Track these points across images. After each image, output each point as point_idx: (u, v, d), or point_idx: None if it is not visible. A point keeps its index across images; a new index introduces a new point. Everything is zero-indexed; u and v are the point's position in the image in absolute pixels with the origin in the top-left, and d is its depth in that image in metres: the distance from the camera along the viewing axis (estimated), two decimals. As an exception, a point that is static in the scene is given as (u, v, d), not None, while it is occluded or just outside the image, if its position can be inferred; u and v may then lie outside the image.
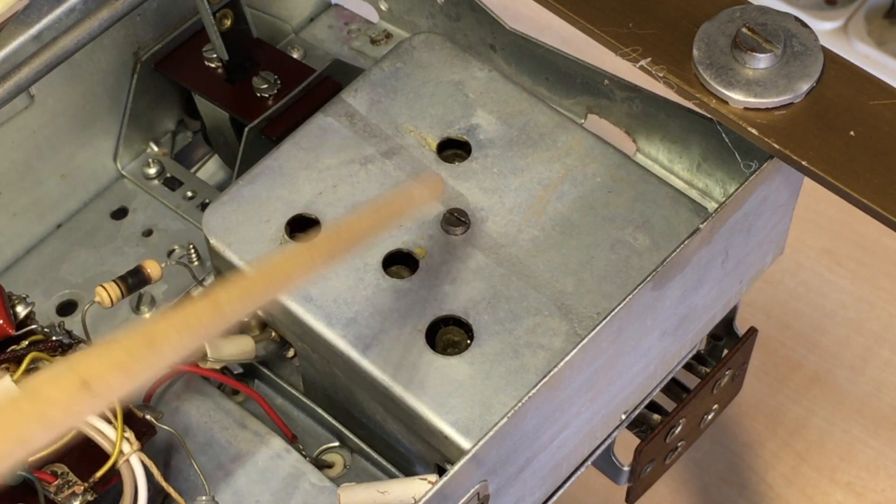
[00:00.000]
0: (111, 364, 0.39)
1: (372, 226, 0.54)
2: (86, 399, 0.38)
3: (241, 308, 0.45)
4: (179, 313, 0.42)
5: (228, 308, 0.44)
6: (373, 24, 0.80)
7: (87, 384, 0.38)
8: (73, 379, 0.37)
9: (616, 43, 0.66)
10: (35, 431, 0.36)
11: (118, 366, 0.39)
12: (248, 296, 0.45)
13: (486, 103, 0.68)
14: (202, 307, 0.43)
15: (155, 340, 0.40)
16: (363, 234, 0.53)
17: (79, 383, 0.37)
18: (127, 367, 0.39)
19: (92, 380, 0.38)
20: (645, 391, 0.67)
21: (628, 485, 0.72)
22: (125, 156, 0.77)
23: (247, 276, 0.45)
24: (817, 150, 0.61)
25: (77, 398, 0.37)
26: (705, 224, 0.60)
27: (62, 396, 0.37)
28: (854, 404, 1.17)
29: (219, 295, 0.44)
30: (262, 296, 0.46)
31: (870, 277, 1.23)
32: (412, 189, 0.57)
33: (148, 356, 0.40)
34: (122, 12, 0.68)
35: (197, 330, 0.42)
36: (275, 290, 0.47)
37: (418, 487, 0.58)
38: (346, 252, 0.52)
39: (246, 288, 0.45)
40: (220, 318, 0.44)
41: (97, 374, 0.38)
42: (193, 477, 0.61)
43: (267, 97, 0.73)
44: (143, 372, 0.40)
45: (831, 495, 1.13)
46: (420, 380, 0.60)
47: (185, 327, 0.42)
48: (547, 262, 0.63)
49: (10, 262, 0.73)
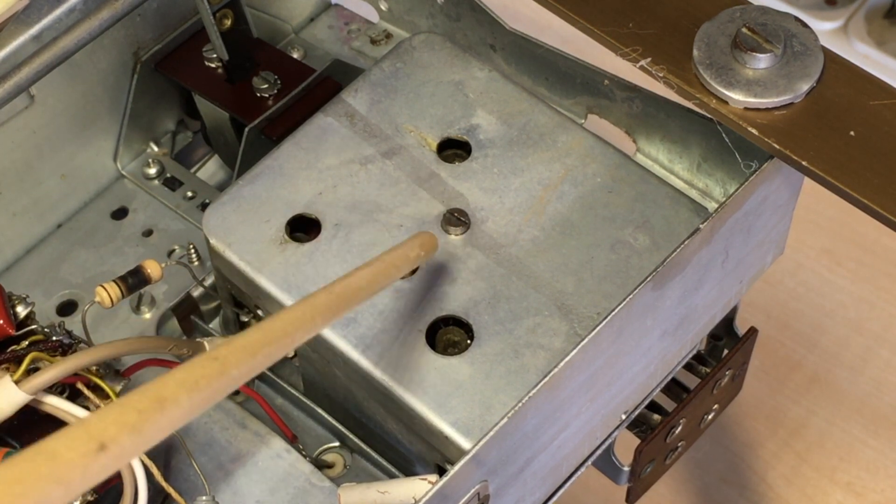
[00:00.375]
0: (125, 426, 0.39)
1: (370, 285, 0.55)
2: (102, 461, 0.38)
3: (247, 369, 0.46)
4: (187, 374, 0.43)
5: (236, 371, 0.45)
6: (373, 24, 0.80)
7: (104, 446, 0.38)
8: (90, 442, 0.38)
9: (616, 43, 0.66)
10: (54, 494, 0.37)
11: (132, 428, 0.39)
12: (253, 356, 0.46)
13: (486, 103, 0.68)
14: (210, 369, 0.44)
15: (165, 402, 0.41)
16: (361, 294, 0.55)
17: (95, 446, 0.38)
18: (140, 430, 0.39)
19: (108, 442, 0.38)
20: (645, 391, 0.67)
21: (628, 485, 0.72)
22: (125, 156, 0.77)
23: (249, 336, 0.46)
24: (817, 150, 0.61)
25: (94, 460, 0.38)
26: (705, 224, 0.60)
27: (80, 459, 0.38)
28: (854, 404, 1.17)
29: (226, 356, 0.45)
30: (267, 356, 0.47)
31: (870, 277, 1.23)
32: (409, 248, 0.58)
33: (159, 419, 0.40)
34: (122, 12, 0.68)
35: (205, 393, 0.43)
36: (279, 351, 0.48)
37: (418, 487, 0.58)
38: (346, 310, 0.53)
39: (250, 348, 0.46)
40: (228, 381, 0.44)
41: (112, 436, 0.39)
42: (193, 477, 0.61)
43: (267, 97, 0.73)
44: (156, 434, 0.40)
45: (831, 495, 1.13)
46: (420, 380, 0.60)
47: (194, 389, 0.42)
48: (547, 262, 0.63)
49: (10, 262, 0.73)
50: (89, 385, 0.58)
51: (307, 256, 0.63)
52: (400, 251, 0.58)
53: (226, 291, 0.67)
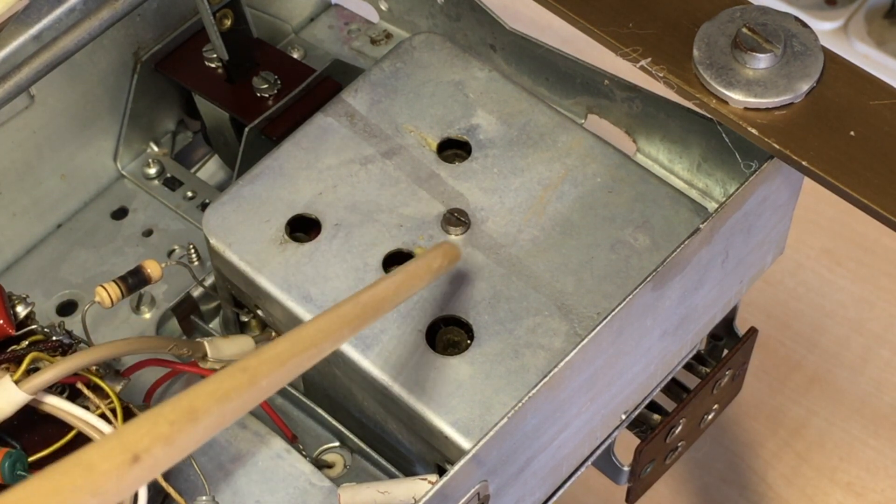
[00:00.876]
0: (158, 438, 0.39)
1: (395, 295, 0.56)
2: (136, 472, 0.38)
3: (276, 380, 0.46)
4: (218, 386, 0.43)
5: (264, 381, 0.45)
6: (373, 24, 0.80)
7: (137, 457, 0.38)
8: (124, 452, 0.38)
9: (616, 43, 0.66)
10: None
11: (165, 439, 0.39)
12: (282, 366, 0.46)
13: (486, 103, 0.68)
14: (240, 380, 0.44)
15: (197, 413, 0.41)
16: (387, 304, 0.55)
17: (129, 457, 0.38)
18: (173, 441, 0.40)
19: (141, 453, 0.39)
20: (645, 391, 0.67)
21: (628, 485, 0.72)
22: (125, 156, 0.77)
23: (278, 346, 0.47)
24: (817, 150, 0.61)
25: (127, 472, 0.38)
26: (705, 224, 0.60)
27: (114, 470, 0.38)
28: (854, 404, 1.17)
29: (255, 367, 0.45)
30: (295, 366, 0.48)
31: (870, 277, 1.23)
32: (433, 259, 0.58)
33: (190, 429, 0.41)
34: (122, 12, 0.68)
35: (235, 404, 0.43)
36: (307, 361, 0.48)
37: (418, 487, 0.58)
38: (371, 321, 0.54)
39: (279, 358, 0.46)
40: (258, 391, 0.45)
41: (146, 447, 0.39)
42: (193, 477, 0.61)
43: (267, 97, 0.73)
44: (187, 445, 0.41)
45: (831, 495, 1.13)
46: (420, 380, 0.60)
47: (225, 401, 0.42)
48: (547, 262, 0.63)
49: (10, 262, 0.73)
50: (89, 385, 0.58)
51: (307, 256, 0.63)
52: (424, 262, 0.58)
53: (226, 291, 0.67)
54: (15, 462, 0.55)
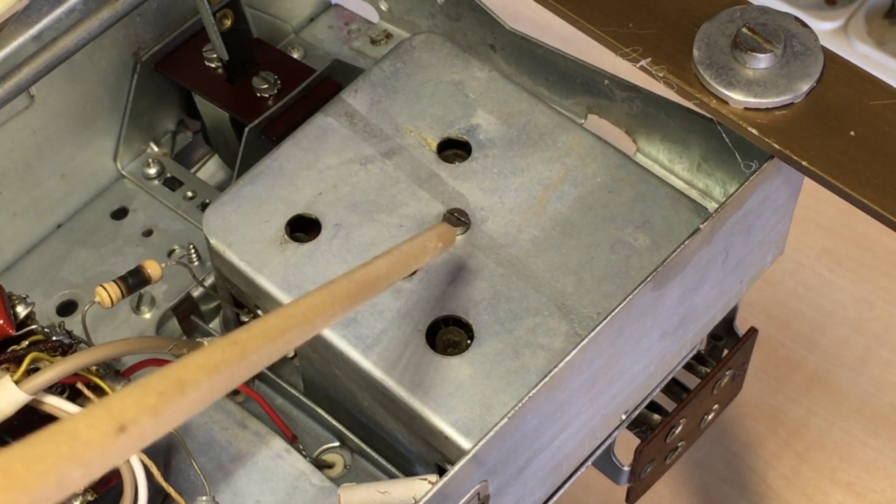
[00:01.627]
0: (146, 408, 0.39)
1: (388, 274, 0.55)
2: (122, 442, 0.38)
3: (266, 354, 0.46)
4: (208, 358, 0.42)
5: (255, 355, 0.44)
6: (373, 24, 0.80)
7: (124, 427, 0.38)
8: (111, 422, 0.38)
9: (616, 43, 0.66)
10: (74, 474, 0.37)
11: (152, 410, 0.39)
12: (272, 341, 0.46)
13: (486, 103, 0.68)
14: (230, 353, 0.43)
15: (186, 384, 0.41)
16: (380, 283, 0.55)
17: (116, 427, 0.38)
18: (160, 412, 0.39)
19: (128, 423, 0.38)
20: (645, 391, 0.67)
21: (628, 485, 0.72)
22: (125, 156, 0.77)
23: (269, 321, 0.46)
24: (817, 150, 0.61)
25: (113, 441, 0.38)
26: (705, 224, 0.60)
27: (100, 439, 0.37)
28: (854, 404, 1.17)
29: (245, 341, 0.44)
30: (286, 342, 0.47)
31: (870, 277, 1.23)
32: (427, 239, 0.58)
33: (178, 401, 0.40)
34: (122, 12, 0.68)
35: (224, 376, 0.43)
36: (298, 337, 0.48)
37: (418, 487, 0.58)
38: (364, 299, 0.53)
39: (269, 333, 0.46)
40: (248, 365, 0.44)
41: (132, 417, 0.38)
42: (193, 477, 0.61)
43: (267, 97, 0.73)
44: (175, 417, 0.40)
45: (831, 495, 1.13)
46: (420, 380, 0.60)
47: (214, 373, 0.42)
48: (547, 262, 0.63)
49: (10, 262, 0.73)
50: (89, 385, 0.58)
51: (307, 256, 0.63)
52: (418, 241, 0.58)
53: (226, 291, 0.67)
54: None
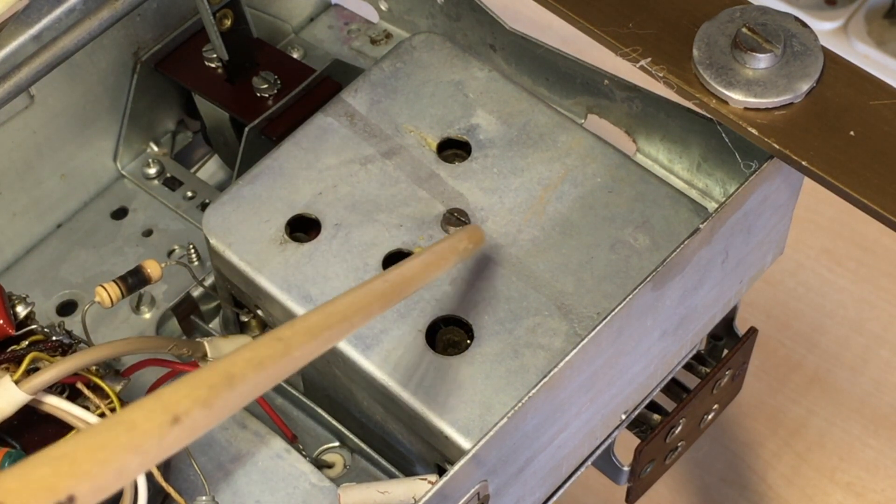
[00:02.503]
0: (197, 400, 0.40)
1: (421, 275, 0.56)
2: (176, 433, 0.39)
3: (309, 351, 0.47)
4: (254, 353, 0.43)
5: (298, 351, 0.46)
6: (373, 24, 0.80)
7: (178, 419, 0.39)
8: (165, 413, 0.39)
9: (616, 43, 0.66)
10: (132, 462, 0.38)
11: (204, 402, 0.40)
12: (314, 338, 0.47)
13: (486, 103, 0.68)
14: (275, 349, 0.44)
15: (234, 379, 0.42)
16: (414, 284, 0.56)
17: (170, 418, 0.39)
18: (211, 404, 0.40)
19: (181, 415, 0.39)
20: (645, 391, 0.67)
21: (628, 485, 0.72)
22: (125, 156, 0.77)
23: (311, 318, 0.47)
24: (817, 150, 0.61)
25: (168, 432, 0.39)
26: (705, 224, 0.60)
27: (156, 429, 0.38)
28: (854, 404, 1.17)
29: (290, 337, 0.45)
30: (327, 339, 0.48)
31: (870, 277, 1.23)
32: (458, 240, 0.60)
33: (227, 394, 0.41)
34: (122, 12, 0.68)
35: (270, 371, 0.44)
36: (339, 335, 0.49)
37: (418, 487, 0.58)
38: (399, 299, 0.55)
39: (312, 330, 0.47)
40: (291, 361, 0.45)
41: (186, 409, 0.39)
42: (193, 477, 0.61)
43: (267, 97, 0.73)
44: (225, 409, 0.41)
45: (831, 495, 1.13)
46: (420, 380, 0.60)
47: (261, 368, 0.43)
48: (547, 262, 0.63)
49: (10, 262, 0.73)
50: (89, 385, 0.58)
51: (307, 256, 0.63)
52: (449, 243, 0.59)
53: (226, 291, 0.67)
54: (15, 462, 0.55)
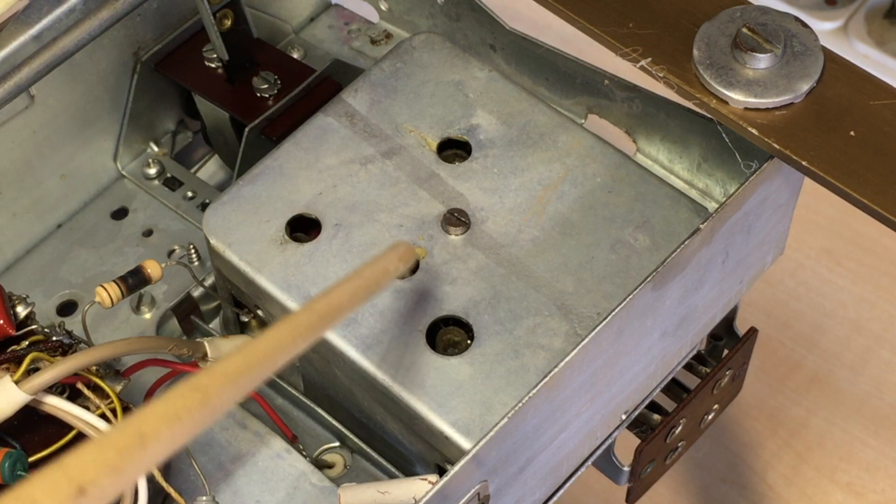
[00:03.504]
0: (104, 467, 0.38)
1: (350, 301, 0.54)
2: None
3: (229, 398, 0.44)
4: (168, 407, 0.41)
5: (218, 400, 0.43)
6: (373, 24, 0.80)
7: (83, 490, 0.37)
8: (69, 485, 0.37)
9: (616, 43, 0.66)
10: None
11: (112, 468, 0.38)
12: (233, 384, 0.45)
13: (486, 103, 0.68)
14: (191, 400, 0.42)
15: (146, 438, 0.40)
16: (343, 311, 0.54)
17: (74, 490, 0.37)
18: (120, 469, 0.38)
19: (87, 485, 0.37)
20: (645, 391, 0.67)
21: (628, 485, 0.72)
22: (125, 156, 0.77)
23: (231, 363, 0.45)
24: (817, 150, 0.61)
25: None
26: (705, 224, 0.60)
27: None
28: (854, 404, 1.17)
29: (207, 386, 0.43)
30: (249, 383, 0.46)
31: (870, 277, 1.23)
32: (387, 261, 0.58)
33: (139, 454, 0.39)
34: (122, 12, 0.68)
35: (187, 425, 0.41)
36: (261, 376, 0.47)
37: (418, 487, 0.58)
38: (327, 328, 0.53)
39: (232, 377, 0.45)
40: (210, 410, 0.43)
41: (91, 479, 0.37)
42: (193, 477, 0.61)
43: (267, 97, 0.73)
44: (136, 471, 0.39)
45: (831, 495, 1.13)
46: (420, 380, 0.60)
47: (176, 422, 0.41)
48: (547, 262, 0.63)
49: (10, 262, 0.73)
50: (89, 385, 0.58)
51: (307, 256, 0.63)
52: (378, 265, 0.57)
53: (226, 291, 0.67)
54: (15, 462, 0.55)
